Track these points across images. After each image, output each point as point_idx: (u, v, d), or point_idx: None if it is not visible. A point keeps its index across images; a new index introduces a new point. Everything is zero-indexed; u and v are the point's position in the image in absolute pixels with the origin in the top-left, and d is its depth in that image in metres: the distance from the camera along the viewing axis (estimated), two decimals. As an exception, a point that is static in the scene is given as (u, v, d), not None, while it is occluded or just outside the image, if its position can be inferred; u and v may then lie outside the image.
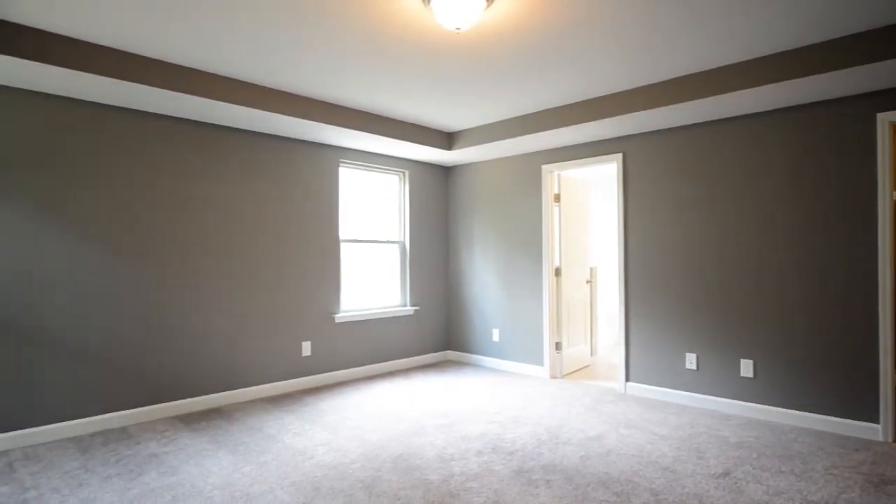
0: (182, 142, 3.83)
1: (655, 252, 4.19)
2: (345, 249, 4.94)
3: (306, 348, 4.55)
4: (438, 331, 5.76)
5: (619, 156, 4.38)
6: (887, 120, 3.16)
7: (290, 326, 4.44)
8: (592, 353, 5.95)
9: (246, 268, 4.17)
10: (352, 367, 4.90)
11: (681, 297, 4.05)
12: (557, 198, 4.96)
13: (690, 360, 3.98)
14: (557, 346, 4.95)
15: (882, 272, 3.18)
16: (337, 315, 4.76)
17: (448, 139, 5.08)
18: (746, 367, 3.70)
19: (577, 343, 5.29)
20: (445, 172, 5.86)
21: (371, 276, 5.19)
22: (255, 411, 3.85)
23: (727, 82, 3.27)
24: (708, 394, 3.90)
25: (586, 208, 5.54)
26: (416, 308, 5.49)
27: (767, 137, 3.63)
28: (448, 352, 5.84)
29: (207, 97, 3.38)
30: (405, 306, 5.43)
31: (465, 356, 5.67)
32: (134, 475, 2.74)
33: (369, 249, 5.18)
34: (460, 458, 2.94)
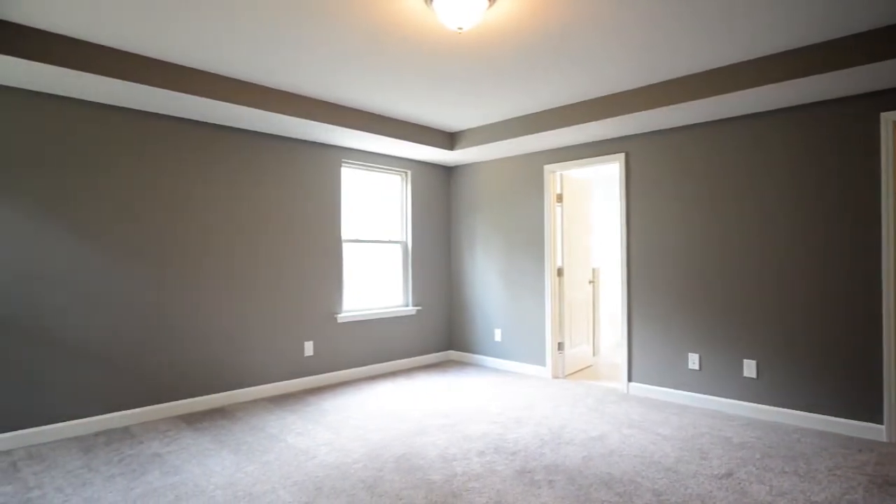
0: (183, 142, 3.84)
1: (658, 252, 4.19)
2: (347, 249, 4.95)
3: (309, 348, 4.56)
4: (440, 331, 5.76)
5: (622, 156, 4.38)
6: (891, 119, 3.15)
7: (292, 326, 4.45)
8: (595, 353, 5.95)
9: (248, 268, 4.18)
10: (354, 367, 4.90)
11: (683, 298, 4.04)
12: (560, 198, 4.96)
13: (693, 360, 3.97)
14: (560, 346, 4.95)
15: (886, 272, 3.16)
16: (339, 315, 4.76)
17: (450, 139, 5.08)
18: (749, 368, 3.69)
19: (580, 343, 5.29)
20: (448, 172, 5.86)
21: (373, 276, 5.19)
22: (257, 411, 3.86)
23: (729, 82, 3.26)
24: (711, 394, 3.89)
25: (588, 208, 5.53)
26: (419, 308, 5.49)
27: (769, 137, 3.62)
28: (450, 352, 5.84)
29: (208, 97, 3.39)
30: (407, 306, 5.44)
31: (467, 356, 5.67)
32: (137, 475, 2.75)
33: (371, 249, 5.19)
34: (462, 459, 2.94)
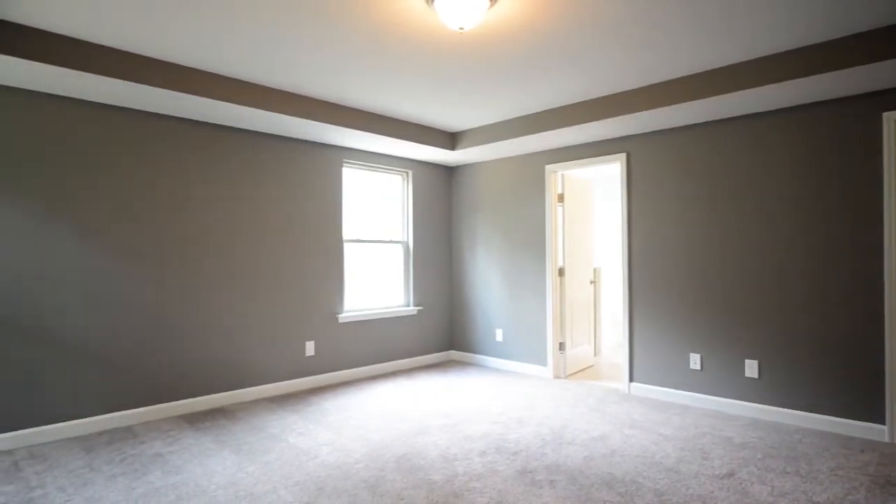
0: (184, 142, 3.84)
1: (659, 252, 4.18)
2: (348, 249, 4.95)
3: (310, 348, 4.56)
4: (442, 331, 5.76)
5: (623, 155, 4.37)
6: (893, 118, 3.14)
7: (293, 326, 4.45)
8: (596, 353, 5.95)
9: (250, 268, 4.18)
10: (355, 366, 4.91)
11: (685, 298, 4.03)
12: (561, 198, 4.96)
13: (694, 360, 3.97)
14: (561, 346, 4.95)
15: (888, 271, 3.16)
16: (340, 315, 4.76)
17: (451, 139, 5.07)
18: (751, 368, 3.69)
19: (581, 343, 5.28)
20: (449, 172, 5.86)
21: (374, 276, 5.19)
22: (258, 411, 3.86)
23: (730, 82, 3.26)
24: (712, 394, 3.88)
25: (590, 208, 5.53)
26: (420, 308, 5.49)
27: (770, 137, 3.61)
28: (451, 352, 5.84)
29: (209, 97, 3.38)
30: (408, 306, 5.44)
31: (468, 356, 5.67)
32: (139, 474, 2.75)
33: (373, 249, 5.19)
34: (464, 458, 2.94)
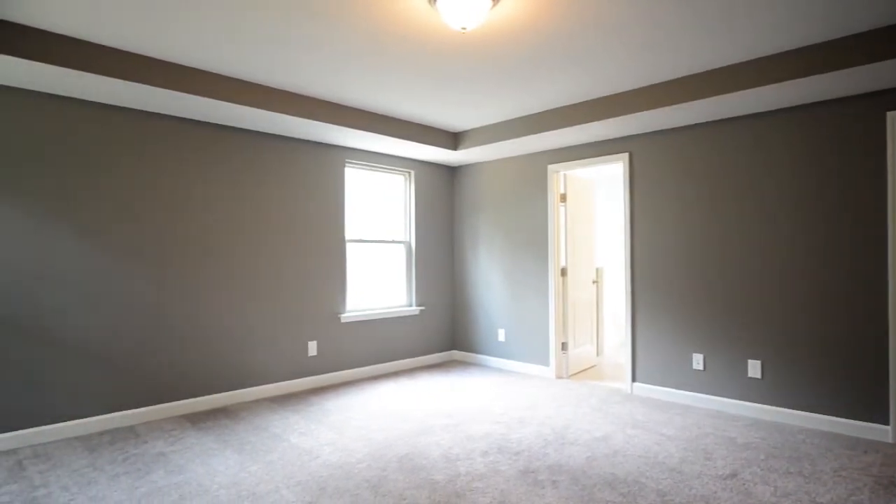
0: (185, 142, 3.85)
1: (662, 252, 4.18)
2: (350, 249, 4.95)
3: (312, 348, 4.56)
4: (444, 331, 5.76)
5: (625, 155, 4.37)
6: (897, 118, 3.14)
7: (295, 326, 4.46)
8: (598, 353, 5.94)
9: (252, 268, 4.19)
10: (357, 366, 4.91)
11: (687, 297, 4.02)
12: (563, 198, 4.95)
13: (697, 360, 3.96)
14: (563, 346, 4.94)
15: (892, 271, 3.14)
16: (343, 315, 4.77)
17: (454, 139, 5.07)
18: (754, 368, 3.68)
19: (583, 343, 5.28)
20: (451, 172, 5.86)
21: (377, 276, 5.19)
22: (261, 411, 3.86)
23: (730, 82, 3.25)
24: (715, 394, 3.87)
25: (592, 208, 5.52)
26: (422, 308, 5.50)
27: (772, 137, 3.60)
28: (453, 352, 5.84)
29: (210, 97, 3.39)
30: (411, 306, 5.44)
31: (470, 356, 5.66)
32: (141, 474, 2.75)
33: (375, 249, 5.19)
34: (466, 458, 2.94)
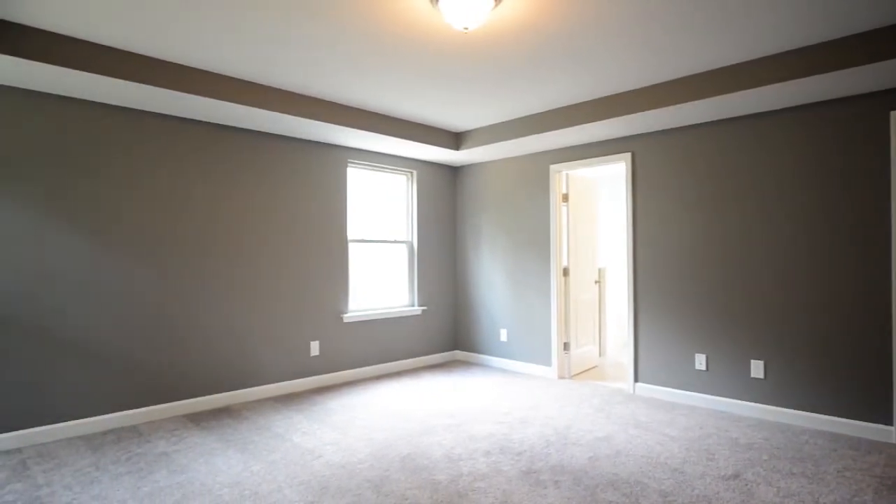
0: (186, 141, 3.85)
1: (664, 252, 4.17)
2: (353, 249, 4.95)
3: (314, 348, 4.57)
4: (446, 331, 5.76)
5: (628, 155, 4.36)
6: (901, 118, 3.12)
7: (298, 326, 4.46)
8: (601, 353, 5.93)
9: (254, 268, 4.20)
10: (360, 366, 4.91)
11: (690, 298, 4.02)
12: (566, 197, 4.95)
13: (700, 360, 3.95)
14: (565, 346, 4.94)
15: (895, 271, 3.13)
16: (345, 315, 4.77)
17: (456, 139, 5.07)
18: (757, 368, 3.67)
19: (586, 343, 5.27)
20: (453, 172, 5.86)
21: (379, 276, 5.20)
22: (263, 410, 3.87)
23: (733, 82, 3.24)
24: (718, 395, 3.86)
25: (594, 208, 5.52)
26: (424, 308, 5.50)
27: (775, 137, 3.59)
28: (456, 352, 5.84)
29: (211, 97, 3.38)
30: (413, 306, 5.44)
31: (472, 356, 5.66)
32: (144, 473, 2.76)
33: (377, 249, 5.19)
34: (468, 459, 2.94)
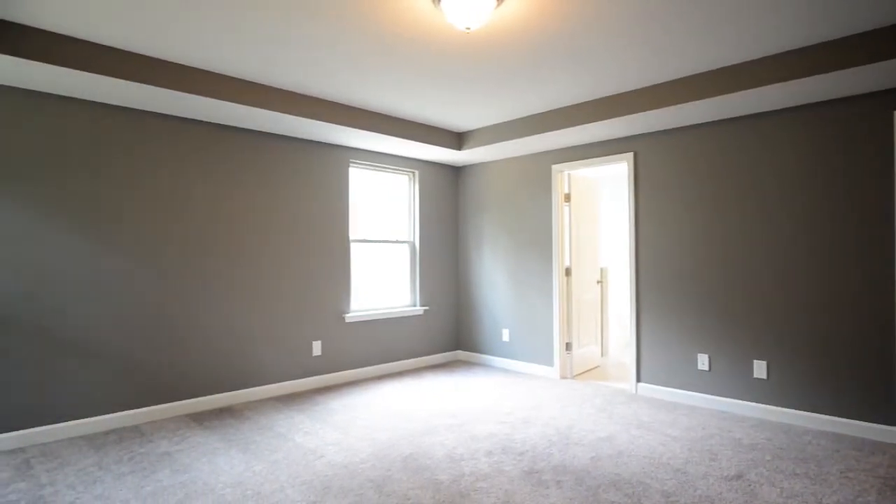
0: (188, 141, 3.86)
1: (667, 252, 4.16)
2: (355, 249, 4.96)
3: (317, 348, 4.57)
4: (448, 331, 5.76)
5: (630, 155, 4.35)
6: (904, 117, 3.11)
7: (300, 326, 4.47)
8: (603, 353, 5.92)
9: (256, 267, 4.20)
10: (362, 366, 4.91)
11: (692, 297, 4.01)
12: (568, 197, 4.94)
13: (702, 360, 3.94)
14: (568, 346, 4.93)
15: (899, 272, 3.13)
16: (347, 315, 4.77)
17: (458, 139, 5.07)
18: (760, 368, 3.66)
19: (588, 343, 5.27)
20: (455, 172, 5.86)
21: (381, 276, 5.20)
22: (266, 410, 3.88)
23: (735, 81, 3.23)
24: (720, 395, 3.86)
25: (596, 208, 5.51)
26: (426, 308, 5.50)
27: (777, 136, 3.58)
28: (458, 352, 5.84)
29: (212, 97, 3.38)
30: (415, 306, 5.44)
31: (474, 356, 5.66)
32: (147, 473, 2.77)
33: (379, 249, 5.20)
34: (470, 459, 2.94)
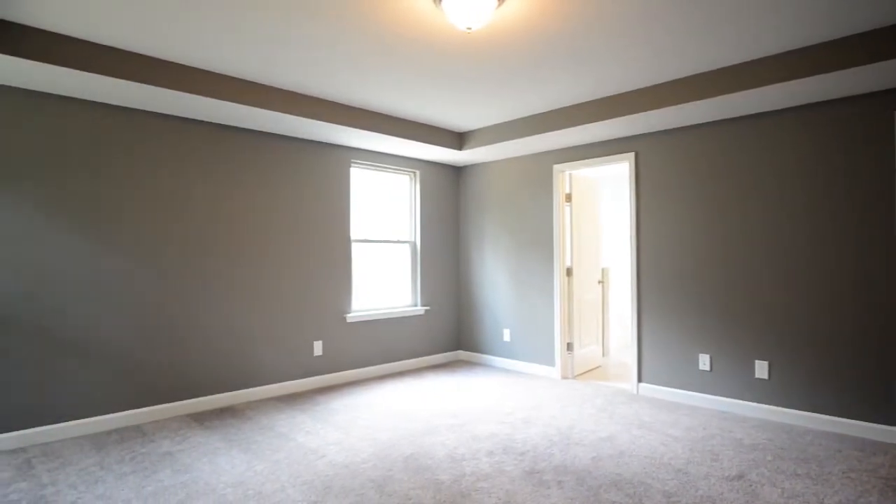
0: (188, 141, 3.86)
1: (668, 252, 4.16)
2: (356, 249, 4.96)
3: (318, 348, 4.57)
4: (449, 331, 5.76)
5: (631, 155, 4.35)
6: (906, 117, 3.11)
7: (301, 326, 4.47)
8: (604, 353, 5.92)
9: (256, 267, 4.21)
10: (363, 366, 4.92)
11: (693, 298, 4.01)
12: (569, 197, 4.94)
13: (704, 360, 3.94)
14: (569, 346, 4.93)
15: (901, 272, 3.12)
16: (348, 315, 4.78)
17: (459, 139, 5.07)
18: (761, 368, 3.65)
19: (589, 343, 5.26)
20: (456, 172, 5.86)
21: (382, 276, 5.20)
22: (267, 410, 3.88)
23: (736, 81, 3.23)
24: (721, 395, 3.85)
25: (598, 208, 5.51)
26: (427, 308, 5.50)
27: (779, 136, 3.57)
28: (459, 352, 5.84)
29: (213, 97, 3.38)
30: (416, 306, 5.44)
31: (475, 356, 5.66)
32: (148, 472, 2.77)
33: (380, 249, 5.20)
34: (471, 459, 2.94)
